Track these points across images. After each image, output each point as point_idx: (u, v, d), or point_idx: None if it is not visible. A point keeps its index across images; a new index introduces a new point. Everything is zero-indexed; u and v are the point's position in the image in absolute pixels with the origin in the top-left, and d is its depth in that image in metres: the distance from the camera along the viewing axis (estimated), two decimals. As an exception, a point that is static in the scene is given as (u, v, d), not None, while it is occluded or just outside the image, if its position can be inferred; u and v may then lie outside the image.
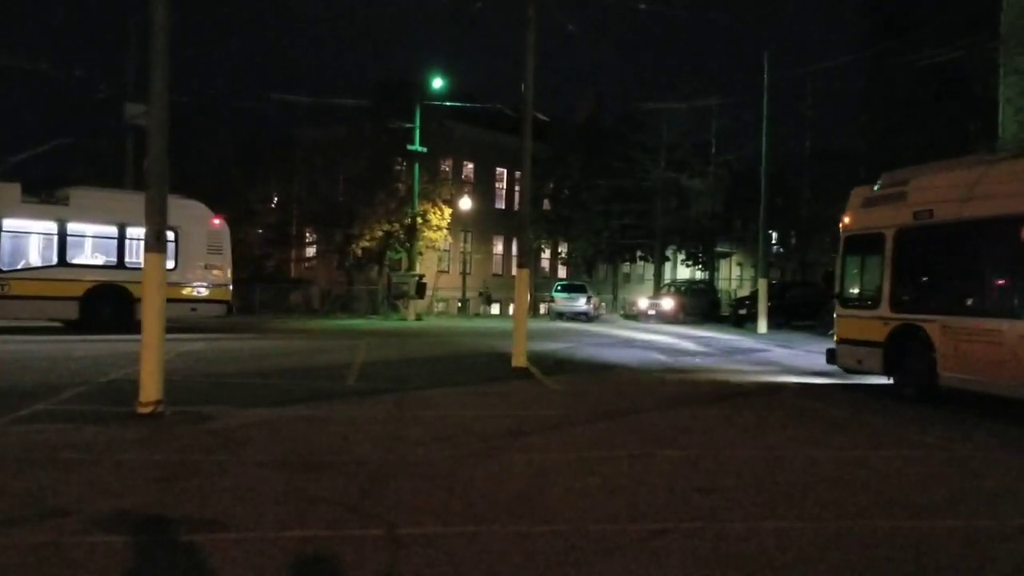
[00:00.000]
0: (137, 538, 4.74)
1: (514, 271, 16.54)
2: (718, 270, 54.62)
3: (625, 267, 54.65)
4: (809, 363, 16.74)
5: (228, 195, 33.80)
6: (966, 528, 5.48)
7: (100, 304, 19.11)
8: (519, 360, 14.55)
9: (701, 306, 38.78)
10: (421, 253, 37.05)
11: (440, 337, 23.20)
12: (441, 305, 42.37)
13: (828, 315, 17.90)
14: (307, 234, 43.33)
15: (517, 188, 44.99)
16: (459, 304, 42.79)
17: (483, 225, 46.56)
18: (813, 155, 46.58)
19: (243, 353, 16.29)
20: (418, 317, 32.60)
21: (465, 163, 46.49)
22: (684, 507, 5.74)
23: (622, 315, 41.85)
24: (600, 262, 51.27)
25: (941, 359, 10.92)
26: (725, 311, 40.11)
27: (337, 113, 36.24)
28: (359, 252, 37.49)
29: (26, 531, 4.79)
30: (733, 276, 58.86)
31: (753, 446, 8.18)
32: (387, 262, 38.16)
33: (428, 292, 35.36)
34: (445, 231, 38.53)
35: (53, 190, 20.09)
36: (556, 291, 39.19)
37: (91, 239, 19.92)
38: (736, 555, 4.72)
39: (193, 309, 20.29)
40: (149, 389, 8.60)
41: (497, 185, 49.83)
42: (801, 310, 32.43)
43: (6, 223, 18.60)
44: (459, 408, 10.01)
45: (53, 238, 19.15)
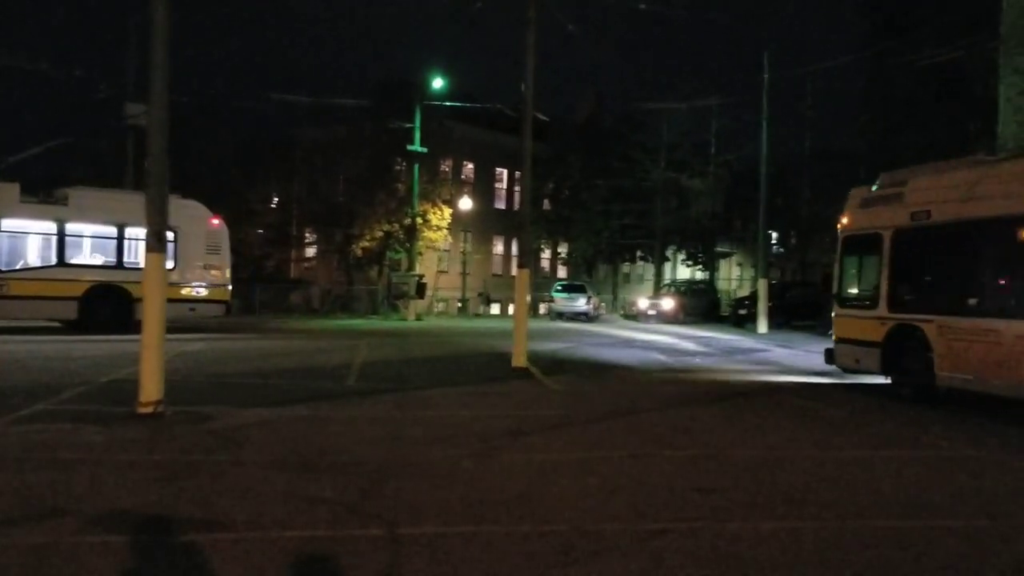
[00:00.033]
0: (137, 538, 4.74)
1: (514, 271, 16.56)
2: (718, 270, 54.62)
3: (625, 267, 54.65)
4: (809, 363, 16.75)
5: (228, 195, 33.80)
6: (966, 528, 5.47)
7: (99, 304, 19.10)
8: (519, 360, 14.55)
9: (701, 306, 38.77)
10: (421, 253, 37.04)
11: (440, 337, 23.20)
12: (441, 305, 42.37)
13: (828, 315, 17.92)
14: (307, 234, 43.33)
15: (517, 188, 45.07)
16: (459, 304, 42.79)
17: (483, 225, 46.56)
18: (813, 155, 46.58)
19: (243, 353, 16.29)
20: (418, 317, 32.61)
21: (465, 163, 46.47)
22: (684, 507, 5.74)
23: (622, 315, 41.84)
24: (600, 262, 51.27)
25: (938, 359, 10.94)
26: (725, 311, 40.12)
27: (337, 113, 36.24)
28: (359, 252, 37.50)
29: (26, 531, 4.79)
30: (733, 276, 58.84)
31: (753, 446, 8.19)
32: (387, 262, 38.16)
33: (428, 292, 35.36)
34: (445, 231, 38.52)
35: (52, 190, 20.08)
36: (556, 291, 39.18)
37: (90, 239, 19.91)
38: (736, 555, 4.72)
39: (192, 309, 20.29)
40: (149, 389, 8.60)
41: (497, 185, 49.83)
42: (801, 310, 32.44)
43: (5, 223, 18.59)
44: (459, 408, 10.01)
45: (52, 238, 19.14)
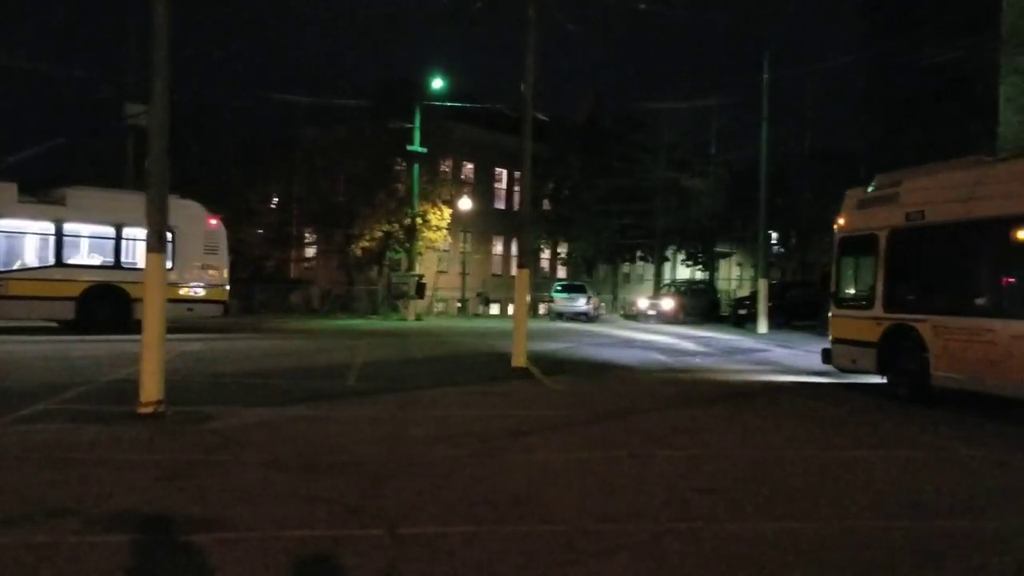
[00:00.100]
0: (138, 538, 4.74)
1: (514, 271, 16.54)
2: (718, 270, 54.61)
3: (625, 267, 54.64)
4: (808, 363, 16.74)
5: (228, 195, 33.76)
6: (967, 528, 5.48)
7: (97, 304, 19.09)
8: (519, 360, 14.55)
9: (701, 306, 38.77)
10: (421, 253, 37.04)
11: (440, 337, 23.20)
12: (441, 305, 42.36)
13: (827, 315, 17.93)
14: (307, 234, 43.31)
15: (517, 188, 45.01)
16: (459, 304, 42.78)
17: (483, 225, 46.54)
18: (813, 155, 46.59)
19: (243, 353, 16.29)
20: (418, 317, 32.61)
21: (465, 163, 46.45)
22: (684, 507, 5.75)
23: (622, 315, 41.84)
24: (600, 262, 51.26)
25: (933, 359, 10.98)
26: (725, 311, 40.11)
27: (337, 113, 36.20)
28: (359, 252, 37.49)
29: (26, 531, 4.79)
30: (733, 276, 58.83)
31: (753, 446, 8.19)
32: (387, 262, 38.16)
33: (428, 292, 35.36)
34: (445, 231, 38.52)
35: (50, 190, 20.08)
36: (556, 291, 39.17)
37: (88, 239, 19.90)
38: (736, 555, 4.72)
39: (190, 309, 20.27)
40: (150, 389, 8.60)
41: (497, 185, 49.81)
42: (801, 310, 32.43)
43: (3, 223, 18.58)
44: (459, 408, 10.02)
45: (50, 238, 19.14)
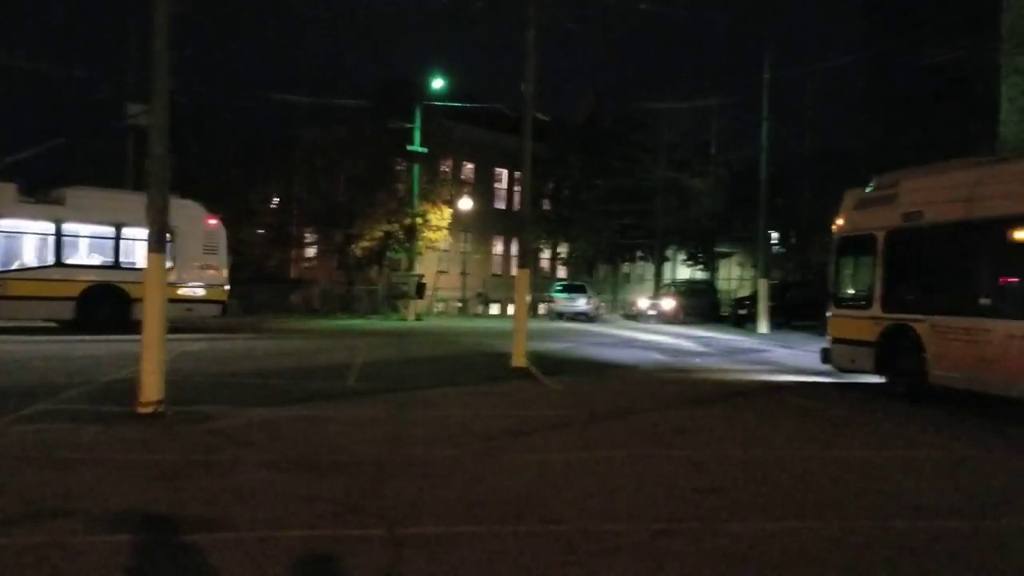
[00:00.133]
0: (138, 537, 4.74)
1: (514, 271, 16.55)
2: (718, 270, 54.59)
3: (625, 267, 54.61)
4: (809, 363, 16.73)
5: (228, 195, 33.76)
6: (967, 528, 5.48)
7: (97, 304, 19.09)
8: (519, 360, 14.55)
9: (701, 306, 38.73)
10: (421, 253, 37.06)
11: (440, 337, 23.20)
12: (441, 305, 42.37)
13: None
14: (307, 234, 43.30)
15: (517, 188, 45.08)
16: (459, 304, 42.78)
17: (483, 225, 46.53)
18: (813, 155, 46.52)
19: (243, 353, 16.29)
20: (418, 317, 32.61)
21: (465, 163, 46.46)
22: (684, 507, 5.75)
23: (622, 315, 41.84)
24: (600, 262, 51.24)
25: (931, 358, 11.01)
26: (725, 311, 40.10)
27: (337, 113, 36.20)
28: (359, 252, 37.49)
29: (26, 531, 4.79)
30: (733, 276, 58.80)
31: (753, 446, 8.19)
32: (387, 262, 38.16)
33: (428, 292, 35.36)
34: (445, 231, 38.52)
35: (49, 190, 20.09)
36: (556, 291, 39.17)
37: (87, 239, 19.91)
38: (736, 555, 4.72)
39: (189, 309, 20.26)
40: (150, 389, 8.60)
41: (497, 185, 49.80)
42: (801, 310, 32.40)
43: (2, 223, 18.59)
44: (459, 408, 10.01)
45: (50, 238, 19.15)
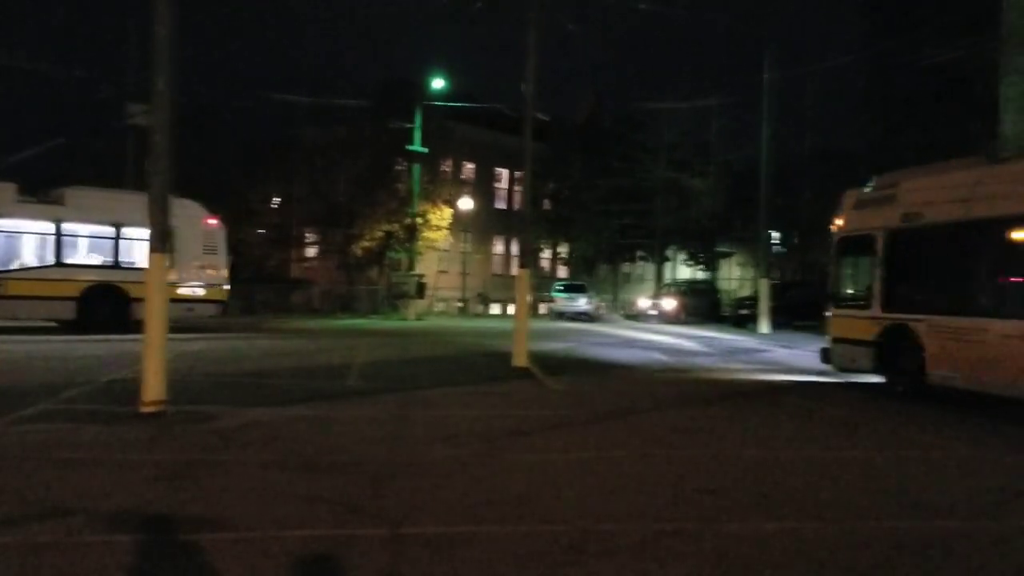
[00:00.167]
0: (139, 537, 4.74)
1: (514, 271, 16.55)
2: (717, 269, 54.56)
3: (626, 267, 54.61)
4: (810, 363, 16.71)
5: (228, 195, 33.80)
6: (967, 528, 5.47)
7: (97, 304, 19.11)
8: (520, 360, 14.55)
9: (702, 306, 38.72)
10: (421, 253, 37.07)
11: (440, 337, 23.19)
12: (441, 305, 42.39)
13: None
14: (307, 234, 43.32)
15: (517, 188, 45.10)
16: (459, 304, 42.78)
17: (483, 225, 46.55)
18: (813, 155, 46.52)
19: (244, 353, 16.30)
20: (418, 317, 32.62)
21: (465, 163, 46.49)
22: (685, 507, 5.74)
23: (623, 315, 41.84)
24: (600, 262, 51.25)
25: (930, 358, 11.03)
26: (726, 311, 40.08)
27: (337, 113, 36.24)
28: (359, 252, 37.51)
29: (27, 531, 4.79)
30: (734, 276, 58.77)
31: (754, 446, 8.18)
32: (387, 262, 38.18)
33: (428, 292, 35.38)
34: (445, 231, 38.52)
35: (49, 189, 20.10)
36: (557, 291, 39.19)
37: (87, 239, 19.93)
38: (737, 555, 4.72)
39: (189, 309, 20.28)
40: (151, 388, 8.60)
41: (497, 185, 49.82)
42: (802, 310, 32.36)
43: (2, 223, 18.63)
44: (460, 408, 10.01)
45: (49, 238, 19.16)
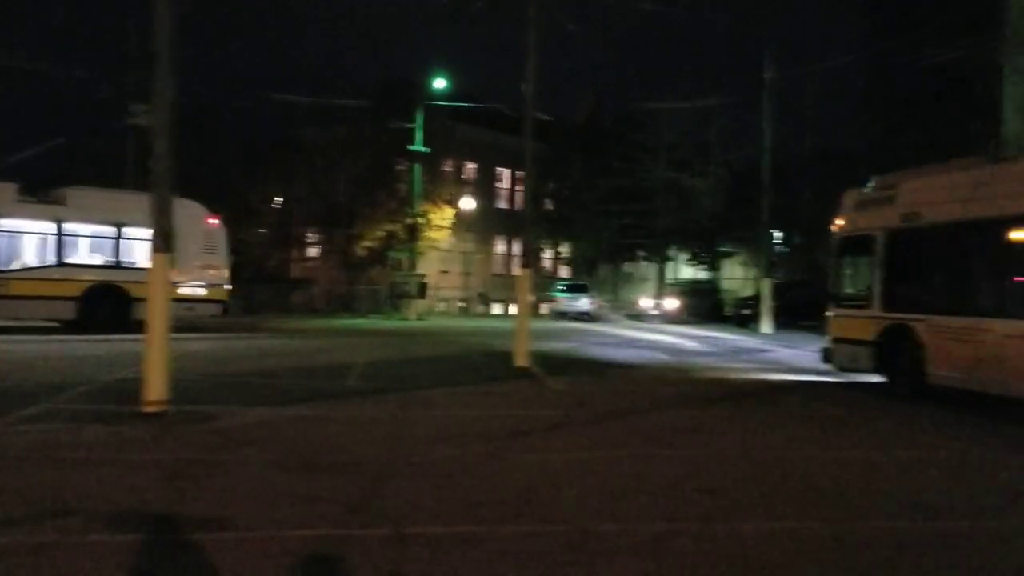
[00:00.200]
0: (140, 537, 4.75)
1: (516, 271, 16.55)
2: (720, 270, 54.55)
3: (627, 267, 54.60)
4: (811, 363, 16.71)
5: (228, 195, 33.79)
6: (967, 528, 5.47)
7: (98, 304, 19.12)
8: (521, 360, 14.55)
9: (704, 306, 38.69)
10: (422, 253, 37.07)
11: (442, 337, 23.19)
12: (442, 305, 42.39)
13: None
14: (308, 234, 43.32)
15: (518, 188, 45.12)
16: (461, 304, 42.78)
17: (484, 225, 46.54)
18: (814, 155, 46.49)
19: (245, 353, 16.31)
20: (419, 317, 32.62)
21: (466, 163, 46.49)
22: (686, 507, 5.75)
23: (625, 315, 41.82)
24: (602, 262, 51.25)
25: (930, 358, 11.04)
26: (728, 311, 40.05)
27: (337, 113, 36.25)
28: (361, 252, 37.50)
29: (27, 531, 4.79)
30: (736, 276, 58.75)
31: (755, 446, 8.18)
32: (389, 262, 38.18)
33: (429, 292, 35.38)
34: (447, 231, 38.52)
35: (50, 189, 20.11)
36: (558, 291, 39.17)
37: (88, 239, 19.93)
38: (737, 555, 4.72)
39: (189, 309, 20.26)
40: (153, 388, 8.60)
41: (498, 185, 49.80)
42: (804, 310, 32.33)
43: (3, 223, 18.65)
44: (461, 408, 10.02)
45: (50, 238, 19.17)
